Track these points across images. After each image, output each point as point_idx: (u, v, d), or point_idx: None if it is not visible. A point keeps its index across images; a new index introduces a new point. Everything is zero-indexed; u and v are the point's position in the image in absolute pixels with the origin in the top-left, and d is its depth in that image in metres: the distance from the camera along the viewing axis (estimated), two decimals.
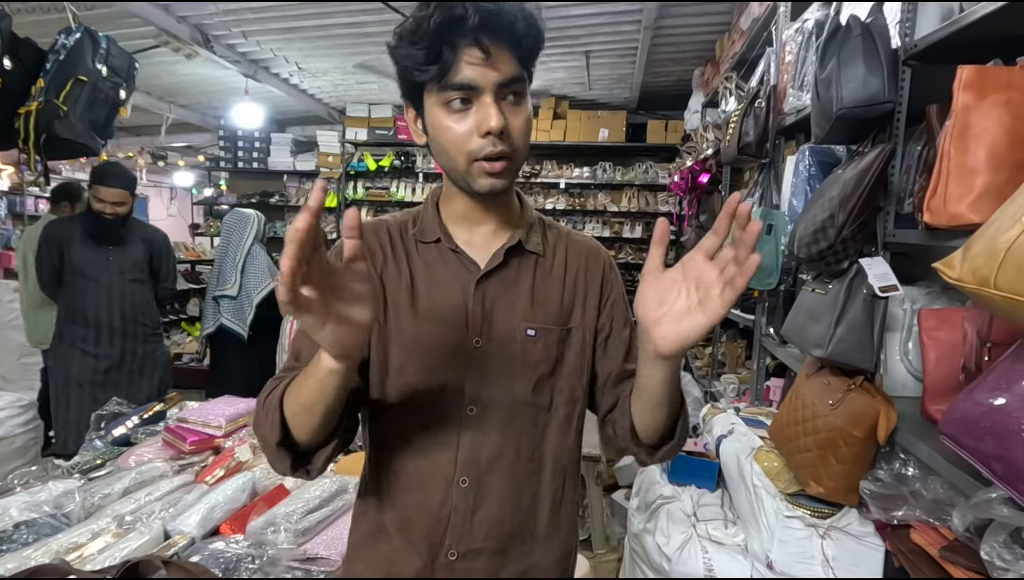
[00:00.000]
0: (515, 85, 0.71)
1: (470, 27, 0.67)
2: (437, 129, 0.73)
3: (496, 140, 0.70)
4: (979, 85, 0.98)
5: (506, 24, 0.68)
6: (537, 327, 0.79)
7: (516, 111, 0.72)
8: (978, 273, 0.65)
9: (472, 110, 0.70)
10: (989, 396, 0.72)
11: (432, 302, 0.79)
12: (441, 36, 0.67)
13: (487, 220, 0.81)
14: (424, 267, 0.80)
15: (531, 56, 0.73)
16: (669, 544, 1.58)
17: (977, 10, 1.01)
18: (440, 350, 0.78)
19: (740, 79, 2.75)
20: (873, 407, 1.22)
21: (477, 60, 0.68)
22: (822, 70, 1.36)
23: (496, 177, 0.73)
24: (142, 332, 2.78)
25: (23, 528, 1.04)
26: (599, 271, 0.86)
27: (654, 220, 5.60)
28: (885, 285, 1.24)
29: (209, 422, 1.51)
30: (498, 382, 0.78)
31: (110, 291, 2.67)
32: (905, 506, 1.15)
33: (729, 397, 2.69)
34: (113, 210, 2.59)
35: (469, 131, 0.71)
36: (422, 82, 0.71)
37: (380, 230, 0.83)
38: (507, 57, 0.70)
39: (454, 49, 0.68)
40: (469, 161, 0.72)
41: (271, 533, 1.08)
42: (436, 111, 0.72)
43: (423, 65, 0.69)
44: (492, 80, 0.69)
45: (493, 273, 0.79)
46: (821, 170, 1.75)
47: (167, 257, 2.92)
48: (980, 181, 0.96)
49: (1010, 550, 0.76)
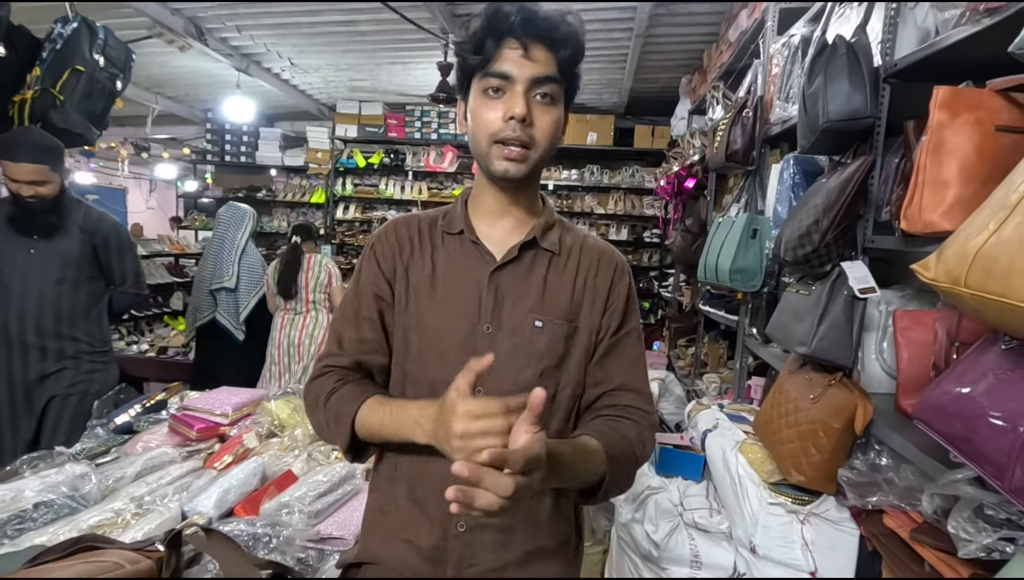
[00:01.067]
0: (547, 85, 0.78)
1: (513, 23, 0.75)
2: (473, 113, 0.81)
3: (518, 126, 0.77)
4: (952, 104, 1.07)
5: (547, 26, 0.77)
6: (544, 320, 0.84)
7: (544, 109, 0.79)
8: (950, 274, 0.73)
9: (505, 97, 0.78)
10: (956, 386, 0.80)
11: (449, 289, 0.85)
12: (488, 29, 0.76)
13: (509, 215, 0.88)
14: (446, 257, 0.87)
15: (569, 64, 0.80)
16: (657, 532, 1.65)
17: (951, 36, 1.10)
18: (453, 334, 0.84)
19: (727, 88, 2.85)
20: (851, 401, 1.31)
21: (516, 53, 0.77)
22: (809, 85, 1.45)
23: (511, 161, 0.80)
24: (72, 350, 2.08)
25: (42, 508, 1.07)
26: (609, 275, 0.90)
27: (640, 223, 5.75)
28: (864, 287, 1.33)
29: (215, 410, 1.54)
30: (505, 368, 0.82)
31: (24, 296, 2.00)
32: (879, 492, 1.24)
33: (711, 395, 2.78)
34: (33, 191, 1.96)
35: (497, 116, 0.78)
36: (470, 71, 0.80)
37: (411, 224, 0.90)
38: (544, 56, 0.78)
39: (497, 41, 0.77)
40: (490, 142, 0.80)
41: (285, 515, 1.12)
42: (475, 98, 0.81)
43: (471, 54, 0.78)
44: (527, 73, 0.77)
45: (507, 265, 0.85)
46: (805, 178, 1.84)
47: (122, 253, 2.23)
48: (952, 192, 1.05)
49: (973, 523, 0.84)
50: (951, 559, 1.00)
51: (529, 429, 0.62)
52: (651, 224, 5.68)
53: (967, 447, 0.76)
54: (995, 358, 0.77)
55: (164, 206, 7.91)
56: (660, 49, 3.97)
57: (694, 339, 3.51)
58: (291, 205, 6.23)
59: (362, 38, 3.93)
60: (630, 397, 0.88)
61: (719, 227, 2.39)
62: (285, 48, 4.15)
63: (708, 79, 3.36)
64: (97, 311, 2.19)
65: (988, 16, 1.00)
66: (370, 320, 0.88)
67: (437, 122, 5.63)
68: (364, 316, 0.88)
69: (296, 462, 1.37)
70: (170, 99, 5.52)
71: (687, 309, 3.78)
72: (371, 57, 4.32)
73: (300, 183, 6.14)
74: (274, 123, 6.14)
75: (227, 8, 3.42)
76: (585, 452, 0.75)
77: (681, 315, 3.93)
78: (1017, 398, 0.69)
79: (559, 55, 0.79)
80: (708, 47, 3.56)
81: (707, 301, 2.91)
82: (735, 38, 2.77)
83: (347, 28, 3.75)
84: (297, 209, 6.27)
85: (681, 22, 3.51)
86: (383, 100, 5.60)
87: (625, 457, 0.80)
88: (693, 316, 3.51)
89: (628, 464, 0.81)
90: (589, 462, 0.75)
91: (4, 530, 1.02)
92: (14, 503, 1.11)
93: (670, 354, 3.94)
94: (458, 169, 5.75)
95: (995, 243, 0.67)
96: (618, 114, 5.44)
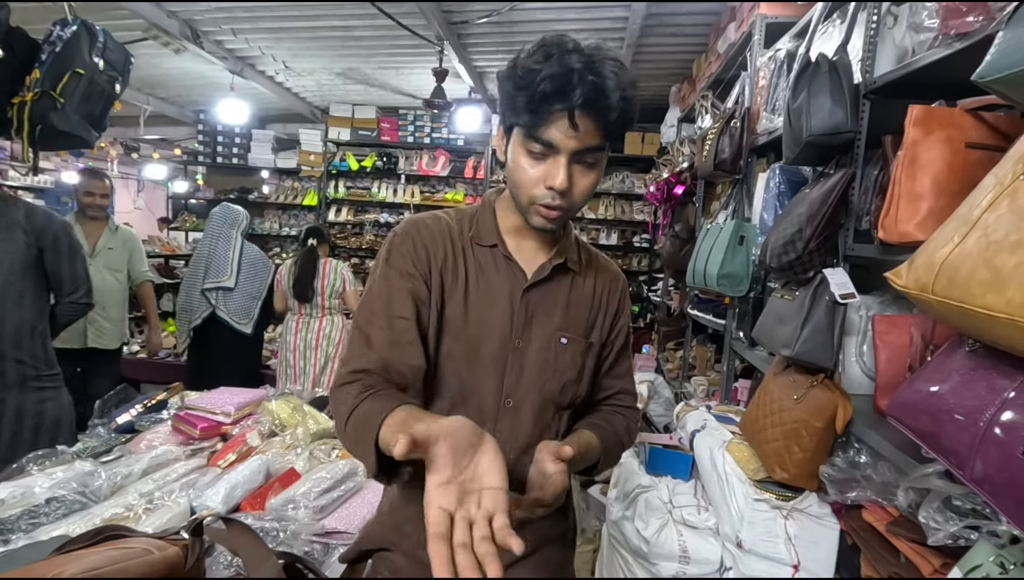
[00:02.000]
0: (591, 154, 0.78)
1: (572, 102, 0.73)
2: (514, 164, 0.81)
3: (557, 196, 0.79)
4: (926, 122, 1.14)
5: (603, 107, 0.74)
6: (569, 337, 0.91)
7: (585, 173, 0.80)
8: (919, 281, 0.79)
9: (547, 162, 0.78)
10: (926, 384, 0.87)
11: (483, 301, 0.88)
12: (543, 96, 0.73)
13: (536, 234, 0.90)
14: (478, 269, 0.89)
15: (616, 132, 0.79)
16: (647, 529, 1.71)
17: (926, 57, 1.17)
18: (486, 346, 0.87)
19: (716, 98, 2.92)
20: (832, 401, 1.38)
21: (564, 124, 0.74)
22: (794, 100, 1.52)
23: (549, 221, 0.83)
24: (16, 374, 1.79)
25: (54, 503, 1.10)
26: (618, 295, 0.98)
27: (629, 228, 5.83)
28: (844, 293, 1.40)
29: (217, 410, 1.57)
30: (532, 381, 0.88)
31: None
32: (858, 488, 1.30)
33: (699, 397, 2.85)
34: None
35: (538, 178, 0.79)
36: (515, 118, 0.78)
37: (441, 228, 0.90)
38: (593, 130, 0.76)
39: (549, 110, 0.74)
40: (530, 202, 0.82)
41: (291, 510, 1.16)
42: (518, 148, 0.80)
43: (520, 111, 0.75)
44: (571, 146, 0.76)
45: (538, 284, 0.89)
46: (790, 188, 1.92)
47: (73, 257, 1.99)
48: (925, 205, 1.12)
49: (942, 514, 0.91)
50: (924, 550, 1.06)
51: (556, 463, 0.75)
52: (641, 229, 5.77)
53: (934, 441, 0.82)
54: (960, 359, 0.83)
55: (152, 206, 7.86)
56: (650, 58, 4.06)
57: (682, 343, 3.57)
58: (283, 207, 6.23)
59: (357, 43, 3.97)
60: (627, 398, 1.02)
61: (707, 233, 2.46)
62: (280, 52, 4.18)
63: (697, 89, 3.44)
64: (42, 327, 1.90)
65: (958, 40, 1.07)
66: (405, 318, 0.84)
67: (430, 126, 5.67)
68: (397, 314, 0.84)
69: (298, 460, 1.41)
70: (162, 100, 5.51)
71: (676, 313, 3.84)
72: (366, 61, 4.36)
73: (292, 185, 6.15)
74: (266, 125, 6.14)
75: (223, 11, 3.45)
76: (587, 447, 0.88)
77: (670, 319, 4.00)
78: (978, 396, 0.75)
79: (608, 125, 0.77)
80: (697, 57, 3.65)
81: (695, 305, 2.98)
82: (723, 50, 2.85)
83: (343, 33, 3.79)
84: (289, 211, 6.27)
85: (671, 32, 3.60)
86: (376, 104, 5.63)
87: (615, 447, 0.95)
88: (682, 320, 3.58)
89: (616, 449, 0.96)
90: (589, 453, 0.88)
91: (17, 524, 1.05)
92: (24, 499, 1.13)
93: (659, 357, 4.01)
94: (450, 173, 5.80)
95: (958, 254, 0.73)
96: None
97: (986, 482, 0.73)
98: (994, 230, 0.70)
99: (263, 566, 0.77)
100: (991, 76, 0.78)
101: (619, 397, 1.01)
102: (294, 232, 6.14)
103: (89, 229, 2.98)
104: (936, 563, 1.03)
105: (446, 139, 5.65)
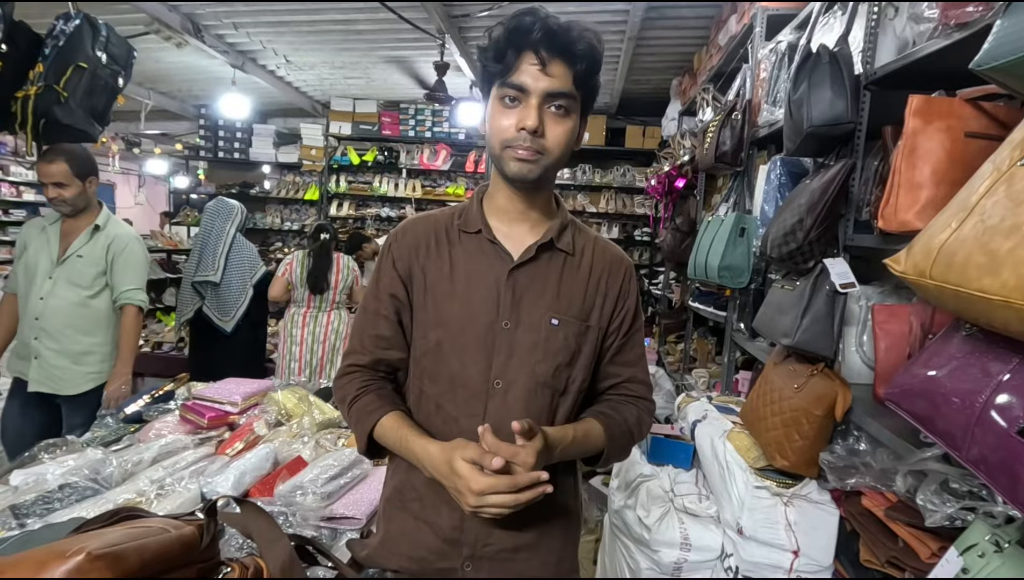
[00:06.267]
0: (562, 99, 0.82)
1: (533, 37, 0.79)
2: (489, 119, 0.85)
3: (529, 137, 0.81)
4: (926, 112, 1.15)
5: (566, 42, 0.80)
6: (560, 318, 0.90)
7: (556, 120, 0.83)
8: (917, 267, 0.81)
9: (520, 108, 0.82)
10: (923, 369, 0.88)
11: (468, 286, 0.89)
12: (509, 40, 0.80)
13: (525, 215, 0.92)
14: (464, 255, 0.91)
15: (585, 77, 0.84)
16: (649, 517, 1.73)
17: (926, 47, 1.18)
18: (472, 329, 0.88)
19: (717, 91, 2.93)
20: (832, 389, 1.39)
21: (534, 67, 0.80)
22: (795, 92, 1.53)
23: (524, 162, 0.83)
24: None
25: (67, 490, 1.12)
26: (619, 278, 0.97)
27: (630, 221, 5.84)
28: (844, 282, 1.41)
29: (224, 400, 1.59)
30: (522, 362, 0.88)
31: None
32: (857, 475, 1.32)
33: (700, 389, 2.86)
34: None
35: (511, 124, 0.82)
36: (490, 78, 0.83)
37: (427, 223, 0.95)
38: (561, 71, 0.81)
39: (517, 54, 0.80)
40: (502, 147, 0.84)
41: (299, 496, 1.18)
42: (493, 104, 0.84)
43: (491, 62, 0.82)
44: (542, 87, 0.81)
45: (525, 265, 0.90)
46: (790, 179, 1.93)
47: None
48: (925, 194, 1.13)
49: (939, 496, 0.93)
50: (921, 534, 1.08)
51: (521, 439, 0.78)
52: (642, 222, 5.78)
53: (931, 424, 0.84)
54: (957, 344, 0.85)
55: (153, 201, 7.89)
56: (651, 51, 4.05)
57: (683, 335, 3.59)
58: (284, 202, 6.24)
59: (359, 37, 3.97)
60: (639, 388, 0.99)
61: (708, 226, 2.47)
62: (281, 46, 4.18)
63: (698, 81, 3.44)
64: None
65: (958, 30, 1.08)
66: (388, 318, 0.92)
67: (431, 120, 5.67)
68: (382, 314, 0.93)
69: (305, 448, 1.43)
70: (163, 94, 5.51)
71: (677, 306, 3.86)
72: (367, 55, 4.36)
73: (294, 180, 6.15)
74: (267, 120, 6.14)
75: (225, 5, 3.45)
76: (586, 433, 0.89)
77: (671, 312, 4.02)
78: (973, 379, 0.77)
79: (576, 69, 0.82)
80: (698, 50, 3.65)
81: (696, 298, 2.99)
82: (724, 43, 2.85)
83: (344, 27, 3.79)
84: (290, 206, 6.28)
85: (672, 26, 3.59)
86: (378, 98, 5.63)
87: (623, 436, 0.93)
88: (683, 312, 3.60)
89: (625, 440, 0.94)
90: (589, 439, 0.89)
91: (32, 509, 1.07)
92: (38, 486, 1.16)
93: (660, 350, 4.03)
94: (451, 167, 5.81)
95: (955, 239, 0.75)
96: (610, 114, 5.52)
97: (982, 462, 0.75)
98: (991, 215, 0.72)
99: (276, 546, 0.79)
100: (989, 64, 0.79)
101: (628, 386, 0.98)
102: (295, 227, 6.15)
103: (68, 228, 2.26)
104: (933, 547, 1.05)
105: (447, 133, 5.65)
